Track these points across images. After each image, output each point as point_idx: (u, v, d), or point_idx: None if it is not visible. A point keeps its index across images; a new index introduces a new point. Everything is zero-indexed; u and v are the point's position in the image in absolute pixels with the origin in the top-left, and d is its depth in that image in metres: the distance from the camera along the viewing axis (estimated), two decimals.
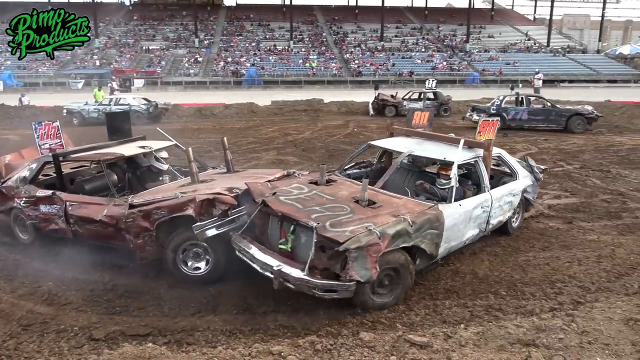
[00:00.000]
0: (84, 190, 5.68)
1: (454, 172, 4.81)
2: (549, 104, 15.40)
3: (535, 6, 63.56)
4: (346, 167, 6.12)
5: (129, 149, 5.94)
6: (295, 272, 3.86)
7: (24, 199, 5.61)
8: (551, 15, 56.01)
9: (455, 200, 4.74)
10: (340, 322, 3.83)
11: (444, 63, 47.95)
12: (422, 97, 20.55)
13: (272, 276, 3.92)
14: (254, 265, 4.16)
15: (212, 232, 4.47)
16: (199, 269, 4.70)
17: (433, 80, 22.79)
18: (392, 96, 20.82)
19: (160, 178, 5.94)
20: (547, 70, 41.40)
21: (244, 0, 63.18)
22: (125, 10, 58.67)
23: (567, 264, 5.01)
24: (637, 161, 10.39)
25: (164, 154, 6.24)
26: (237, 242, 4.44)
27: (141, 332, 3.81)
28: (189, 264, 4.72)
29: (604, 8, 54.66)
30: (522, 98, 15.87)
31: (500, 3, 68.17)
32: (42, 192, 5.53)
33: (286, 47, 49.81)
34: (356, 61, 47.20)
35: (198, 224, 4.43)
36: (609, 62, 51.60)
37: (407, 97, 20.62)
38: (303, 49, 50.07)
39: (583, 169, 9.59)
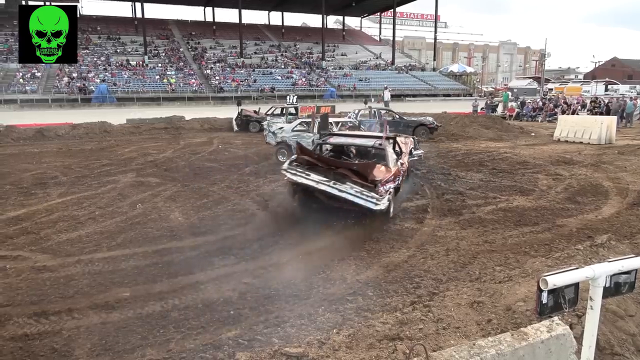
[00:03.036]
0: None
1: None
2: (397, 116, 17.00)
3: (380, 28, 70.16)
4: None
5: None
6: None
7: None
8: (394, 37, 62.39)
9: None
10: (215, 346, 3.69)
11: (303, 79, 49.98)
12: (284, 112, 21.04)
13: None
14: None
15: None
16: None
17: (294, 96, 23.40)
18: (255, 112, 21.00)
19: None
20: (393, 85, 45.89)
21: (88, 12, 58.21)
22: None
23: (422, 260, 5.54)
24: (471, 164, 12.01)
25: None
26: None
27: None
28: None
29: (435, 32, 62.68)
30: (374, 111, 17.26)
31: (350, 24, 73.80)
32: None
33: (140, 62, 47.01)
34: (217, 77, 46.58)
35: None
36: (443, 78, 59.12)
37: (270, 112, 20.92)
38: (159, 65, 47.74)
39: (429, 173, 10.75)
